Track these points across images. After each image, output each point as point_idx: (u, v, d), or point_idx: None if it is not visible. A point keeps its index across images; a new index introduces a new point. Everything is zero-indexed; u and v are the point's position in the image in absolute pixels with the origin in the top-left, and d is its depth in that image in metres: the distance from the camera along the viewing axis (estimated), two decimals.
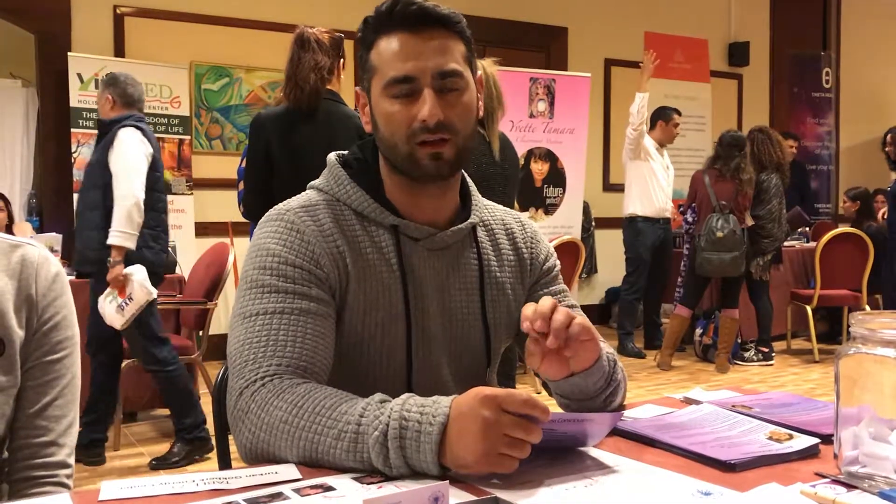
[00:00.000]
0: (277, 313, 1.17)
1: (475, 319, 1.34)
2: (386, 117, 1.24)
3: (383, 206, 1.28)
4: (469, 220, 1.34)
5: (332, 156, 1.36)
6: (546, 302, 1.12)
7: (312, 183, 1.34)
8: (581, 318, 1.15)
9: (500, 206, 1.47)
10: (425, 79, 1.21)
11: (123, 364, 3.85)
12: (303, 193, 1.32)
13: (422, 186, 1.27)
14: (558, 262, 1.49)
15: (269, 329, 1.16)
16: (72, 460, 1.23)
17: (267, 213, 1.28)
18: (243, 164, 3.39)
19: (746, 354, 5.99)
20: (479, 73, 1.32)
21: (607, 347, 1.31)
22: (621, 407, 1.34)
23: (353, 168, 1.32)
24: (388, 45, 1.23)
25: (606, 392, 1.27)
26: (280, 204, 1.30)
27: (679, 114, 6.25)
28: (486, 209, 1.42)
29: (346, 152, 1.36)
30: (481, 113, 1.32)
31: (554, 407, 1.13)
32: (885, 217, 6.22)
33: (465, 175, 1.39)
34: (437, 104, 1.20)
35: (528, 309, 1.12)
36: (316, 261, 1.22)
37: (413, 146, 1.22)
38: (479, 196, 1.42)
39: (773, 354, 6.01)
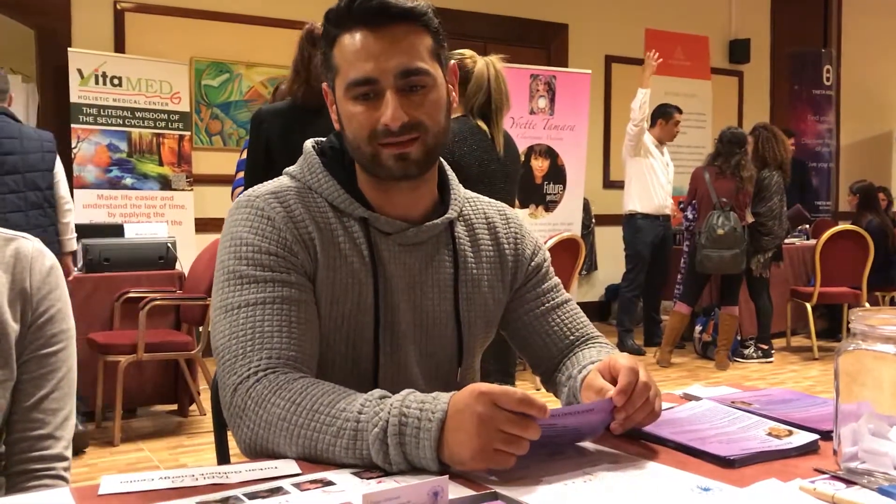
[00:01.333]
0: (260, 304, 1.15)
1: (448, 317, 1.30)
2: (349, 119, 1.20)
3: (355, 197, 1.24)
4: (446, 216, 1.29)
5: (308, 143, 1.32)
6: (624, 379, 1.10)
7: (287, 169, 1.31)
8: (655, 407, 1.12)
9: (485, 198, 1.42)
10: (387, 80, 1.16)
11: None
12: (276, 178, 1.29)
13: (392, 182, 1.23)
14: (548, 254, 1.44)
15: (253, 321, 1.14)
16: (69, 453, 1.23)
17: (237, 199, 1.25)
18: (243, 156, 3.39)
19: (746, 352, 5.99)
20: (452, 62, 1.28)
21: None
22: None
23: (328, 157, 1.29)
24: (349, 44, 1.18)
25: None
26: (251, 188, 1.26)
27: (680, 112, 6.24)
28: (468, 202, 1.37)
29: (324, 139, 1.33)
30: (455, 104, 1.28)
31: (553, 403, 1.13)
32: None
33: (446, 167, 1.35)
34: (401, 106, 1.16)
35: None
36: (289, 247, 1.19)
37: (376, 147, 1.19)
38: (461, 188, 1.37)
39: (773, 352, 6.00)
